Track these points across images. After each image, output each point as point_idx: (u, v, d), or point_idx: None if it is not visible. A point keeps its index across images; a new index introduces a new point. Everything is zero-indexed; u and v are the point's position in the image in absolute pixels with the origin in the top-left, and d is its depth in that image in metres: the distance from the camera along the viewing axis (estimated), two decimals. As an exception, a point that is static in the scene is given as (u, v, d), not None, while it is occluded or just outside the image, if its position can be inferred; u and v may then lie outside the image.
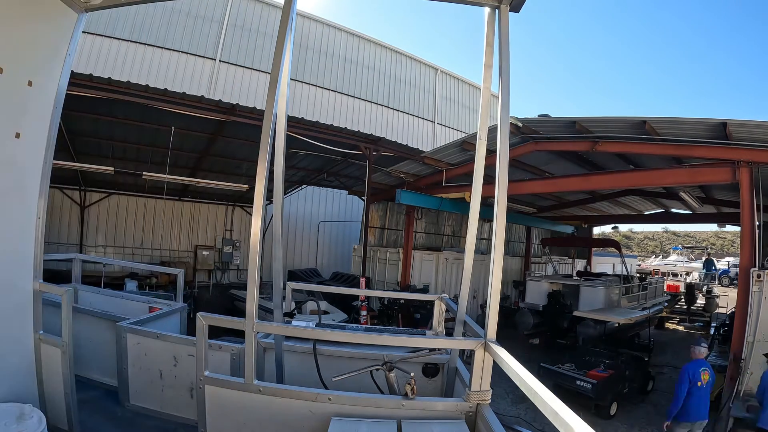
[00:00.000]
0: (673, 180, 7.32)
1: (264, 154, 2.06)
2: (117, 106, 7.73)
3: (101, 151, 10.63)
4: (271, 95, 2.10)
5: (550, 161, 9.78)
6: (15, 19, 2.43)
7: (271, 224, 2.82)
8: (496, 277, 2.04)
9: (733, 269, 26.79)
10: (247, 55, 17.31)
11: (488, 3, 2.22)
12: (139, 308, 4.60)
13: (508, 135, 2.13)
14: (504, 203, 2.07)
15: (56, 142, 2.83)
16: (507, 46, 2.13)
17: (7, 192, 2.55)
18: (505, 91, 2.10)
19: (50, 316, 2.82)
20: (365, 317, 8.83)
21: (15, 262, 2.63)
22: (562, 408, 1.30)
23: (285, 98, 2.57)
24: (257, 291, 2.09)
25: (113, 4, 2.89)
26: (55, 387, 2.74)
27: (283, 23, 2.18)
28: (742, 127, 5.66)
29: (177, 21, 15.88)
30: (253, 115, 7.89)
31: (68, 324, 2.69)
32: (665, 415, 5.11)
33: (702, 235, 52.17)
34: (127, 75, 13.48)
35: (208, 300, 12.92)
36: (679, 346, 11.11)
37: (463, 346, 2.44)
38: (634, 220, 17.93)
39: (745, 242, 5.77)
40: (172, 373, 3.37)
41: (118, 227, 14.68)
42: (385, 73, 21.31)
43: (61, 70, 2.78)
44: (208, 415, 2.18)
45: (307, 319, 5.89)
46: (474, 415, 2.04)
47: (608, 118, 6.96)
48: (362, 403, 2.09)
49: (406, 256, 11.53)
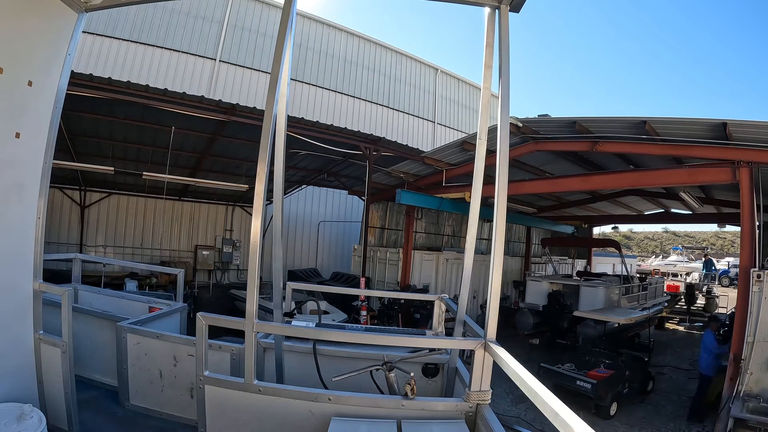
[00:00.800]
0: (673, 180, 7.32)
1: (264, 154, 2.06)
2: (117, 106, 7.74)
3: (101, 151, 10.62)
4: (271, 95, 2.10)
5: (550, 161, 9.78)
6: (15, 19, 2.43)
7: (271, 224, 2.82)
8: (496, 277, 2.04)
9: (733, 269, 26.79)
10: (247, 55, 17.32)
11: (488, 3, 2.22)
12: (139, 308, 4.59)
13: (508, 135, 2.13)
14: (504, 203, 2.07)
15: (56, 142, 2.83)
16: (507, 46, 2.13)
17: (7, 192, 2.54)
18: (505, 91, 2.10)
19: (50, 316, 2.82)
20: (365, 317, 8.83)
21: (15, 262, 2.62)
22: (562, 408, 1.30)
23: (285, 98, 2.57)
24: (257, 291, 2.09)
25: (113, 4, 2.88)
26: (55, 387, 2.74)
27: (283, 23, 2.18)
28: (742, 127, 5.66)
29: (177, 21, 15.88)
30: (253, 115, 7.90)
31: (68, 324, 2.68)
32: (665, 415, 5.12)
33: (702, 235, 52.16)
34: (127, 75, 13.48)
35: (208, 300, 12.93)
36: (679, 346, 11.12)
37: (463, 346, 2.43)
38: (634, 220, 17.93)
39: (745, 242, 5.77)
40: (172, 373, 3.36)
41: (118, 227, 14.68)
42: (385, 74, 21.30)
43: (61, 70, 2.78)
44: (208, 415, 2.18)
45: (307, 319, 5.90)
46: (474, 415, 2.04)
47: (608, 119, 6.96)
48: (362, 403, 2.09)
49: (406, 256, 11.53)
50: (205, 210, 16.43)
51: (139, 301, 4.84)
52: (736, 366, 5.27)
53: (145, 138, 9.86)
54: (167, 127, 8.57)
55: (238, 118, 7.88)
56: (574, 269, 17.83)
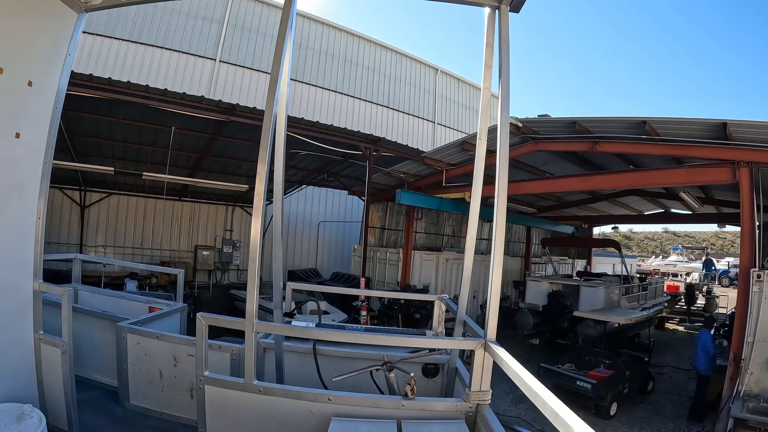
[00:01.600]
0: (673, 180, 7.32)
1: (264, 154, 2.05)
2: (117, 107, 7.74)
3: (101, 151, 10.63)
4: (271, 95, 2.10)
5: (550, 161, 9.78)
6: (15, 19, 2.43)
7: (271, 224, 2.82)
8: (496, 277, 2.04)
9: (733, 269, 26.80)
10: (247, 56, 17.32)
11: (488, 3, 2.22)
12: (139, 308, 4.58)
13: (508, 135, 2.13)
14: (504, 203, 2.07)
15: (56, 142, 2.83)
16: (507, 47, 2.13)
17: (7, 192, 2.54)
18: (505, 91, 2.10)
19: (50, 316, 2.82)
20: (365, 317, 8.83)
21: (15, 262, 2.62)
22: (562, 408, 1.30)
23: (285, 98, 2.57)
24: (257, 291, 2.09)
25: (113, 4, 2.88)
26: (55, 387, 2.74)
27: (283, 23, 2.18)
28: (741, 127, 5.67)
29: (177, 21, 15.89)
30: (253, 115, 7.90)
31: (68, 324, 2.68)
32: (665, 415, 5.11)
33: (702, 236, 52.16)
34: (127, 75, 13.48)
35: (208, 300, 12.92)
36: (679, 347, 11.12)
37: (463, 347, 2.43)
38: (634, 220, 17.93)
39: (745, 242, 5.77)
40: (172, 373, 3.36)
41: (118, 227, 14.68)
42: (385, 74, 21.30)
43: (61, 70, 2.78)
44: (207, 415, 2.18)
45: (307, 319, 5.89)
46: (474, 415, 2.04)
47: (608, 119, 6.96)
48: (362, 403, 2.09)
49: (406, 256, 11.53)
50: (205, 210, 16.43)
51: (139, 302, 4.84)
52: (736, 366, 5.27)
53: (145, 138, 9.86)
54: (167, 127, 8.58)
55: (237, 118, 7.88)
56: (574, 269, 17.83)
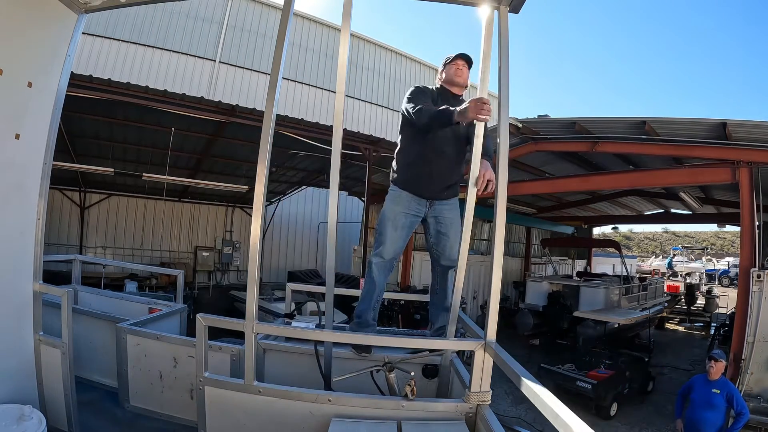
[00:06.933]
0: (673, 180, 7.33)
1: (264, 155, 2.06)
2: (117, 107, 7.73)
3: (101, 152, 10.62)
4: (270, 96, 2.10)
5: (550, 162, 9.78)
6: (14, 20, 2.43)
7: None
8: (496, 278, 2.04)
9: (733, 269, 26.83)
10: (247, 57, 17.32)
11: (487, 4, 2.22)
12: (139, 309, 4.57)
13: (508, 135, 2.13)
14: (504, 204, 2.07)
15: (56, 143, 2.82)
16: (506, 47, 2.13)
17: (6, 193, 2.54)
18: (505, 91, 2.10)
19: (50, 317, 2.81)
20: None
21: (15, 263, 2.62)
22: (562, 409, 1.30)
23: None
24: (257, 292, 2.09)
25: (113, 5, 2.88)
26: (55, 388, 2.74)
27: (282, 24, 2.18)
28: (741, 127, 5.66)
29: (177, 22, 15.88)
30: (252, 116, 7.90)
31: (68, 325, 2.68)
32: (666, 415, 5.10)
33: (702, 236, 52.16)
34: (126, 76, 13.45)
35: (208, 301, 12.92)
36: (679, 347, 11.12)
37: (463, 347, 2.43)
38: (634, 220, 17.93)
39: (745, 242, 5.77)
40: (172, 374, 3.36)
41: (118, 228, 14.68)
42: (384, 74, 21.29)
43: (60, 71, 2.78)
44: (207, 416, 2.18)
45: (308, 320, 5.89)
46: (474, 415, 2.04)
47: (608, 119, 6.97)
48: (362, 404, 2.08)
49: (406, 256, 11.53)
50: (205, 211, 16.43)
51: (139, 303, 4.83)
52: (736, 366, 5.27)
53: (145, 139, 9.86)
54: (167, 128, 8.57)
55: (237, 119, 7.88)
56: (574, 270, 17.82)
